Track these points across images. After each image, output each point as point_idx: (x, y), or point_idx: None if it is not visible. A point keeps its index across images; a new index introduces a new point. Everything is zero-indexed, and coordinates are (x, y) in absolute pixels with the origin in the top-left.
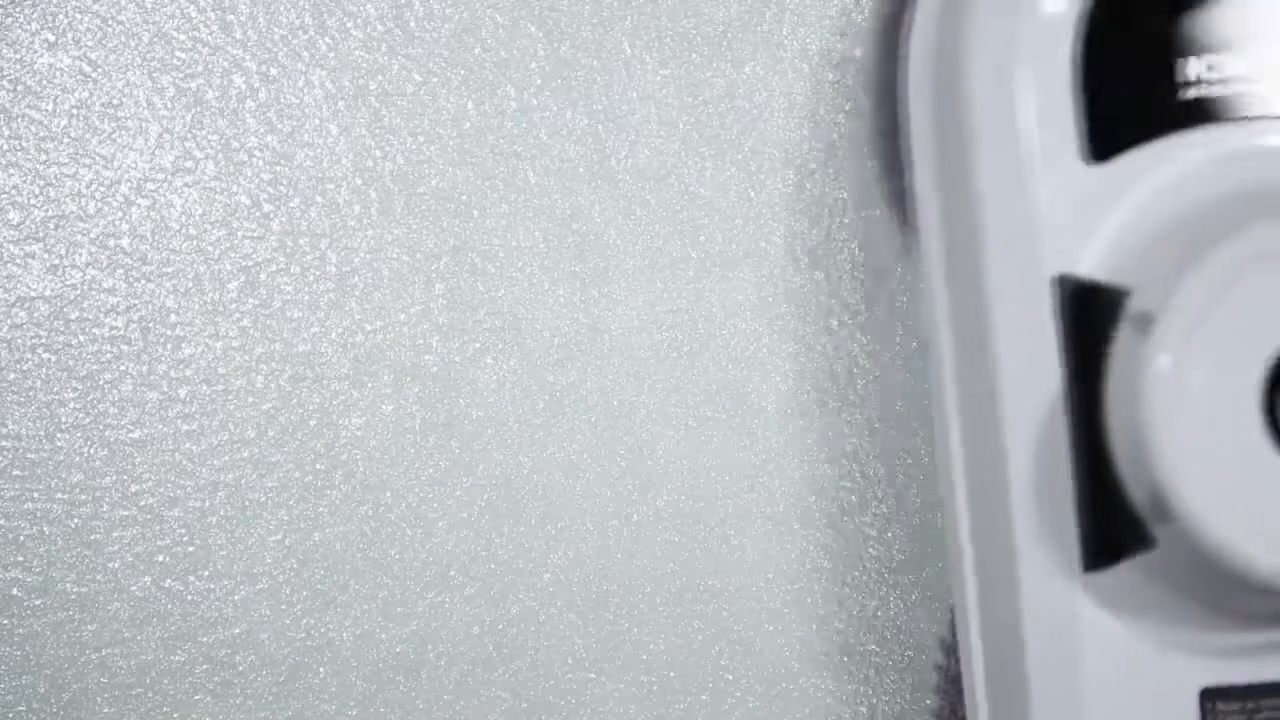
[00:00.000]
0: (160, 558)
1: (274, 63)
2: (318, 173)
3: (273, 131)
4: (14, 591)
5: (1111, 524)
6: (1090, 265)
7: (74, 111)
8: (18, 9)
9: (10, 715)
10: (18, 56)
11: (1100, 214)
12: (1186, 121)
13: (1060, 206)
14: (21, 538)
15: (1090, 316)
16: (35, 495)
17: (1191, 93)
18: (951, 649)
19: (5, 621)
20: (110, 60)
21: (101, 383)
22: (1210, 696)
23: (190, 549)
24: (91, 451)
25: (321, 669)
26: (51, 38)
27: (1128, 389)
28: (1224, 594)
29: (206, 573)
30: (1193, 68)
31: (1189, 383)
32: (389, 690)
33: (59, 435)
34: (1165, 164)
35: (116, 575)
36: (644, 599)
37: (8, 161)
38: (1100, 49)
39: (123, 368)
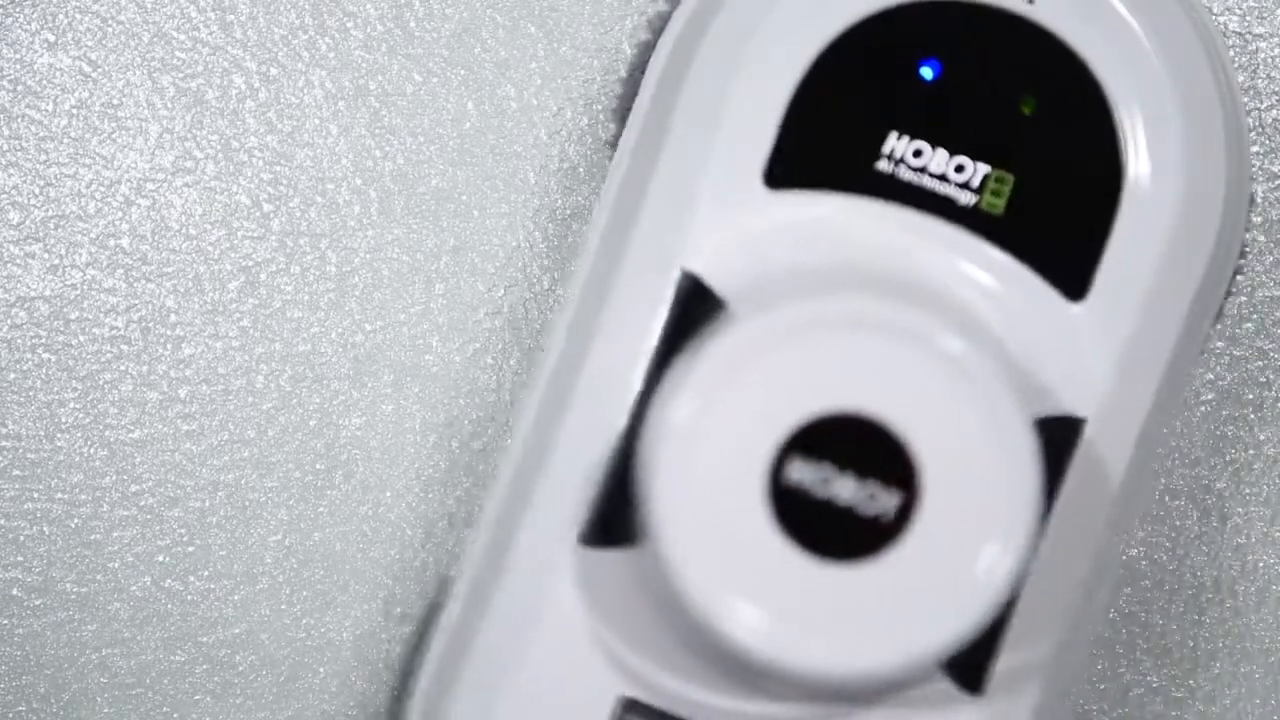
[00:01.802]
0: (160, 558)
1: (274, 63)
2: (318, 173)
3: (273, 131)
4: (14, 591)
5: (623, 509)
6: (725, 278)
7: (74, 111)
8: (18, 9)
9: (10, 715)
10: (18, 56)
11: (751, 232)
12: (866, 189)
13: (720, 214)
14: (21, 538)
15: (694, 318)
16: (35, 495)
17: (885, 165)
18: None
19: (5, 621)
20: (110, 60)
21: (101, 383)
22: (631, 709)
23: (190, 549)
24: (91, 451)
25: (321, 669)
26: (51, 38)
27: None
28: (688, 625)
29: (206, 573)
30: (900, 144)
31: (700, 435)
32: (389, 690)
33: (59, 435)
34: (818, 213)
35: (116, 575)
36: None
37: (8, 161)
38: (820, 92)
39: (123, 368)
